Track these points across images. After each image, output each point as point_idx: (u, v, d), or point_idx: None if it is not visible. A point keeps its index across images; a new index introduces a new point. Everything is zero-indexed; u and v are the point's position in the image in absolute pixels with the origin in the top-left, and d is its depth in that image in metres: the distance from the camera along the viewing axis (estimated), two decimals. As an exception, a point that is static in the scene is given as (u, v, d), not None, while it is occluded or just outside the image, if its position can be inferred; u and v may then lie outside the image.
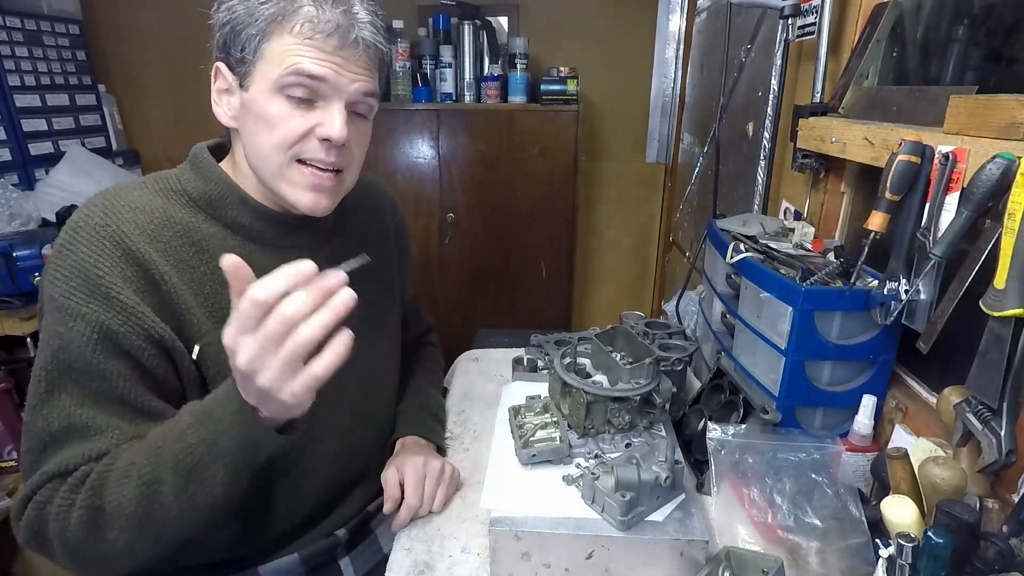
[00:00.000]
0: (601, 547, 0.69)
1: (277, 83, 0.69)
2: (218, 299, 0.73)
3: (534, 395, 0.95)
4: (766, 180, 1.34)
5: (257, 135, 0.72)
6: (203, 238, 0.74)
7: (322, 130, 0.71)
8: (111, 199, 0.71)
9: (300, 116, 0.71)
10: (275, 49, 0.69)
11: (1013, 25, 0.83)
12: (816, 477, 0.77)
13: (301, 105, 0.71)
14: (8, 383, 1.54)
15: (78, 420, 0.66)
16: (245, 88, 0.72)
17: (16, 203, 1.92)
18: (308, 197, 0.74)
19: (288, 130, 0.71)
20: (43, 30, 2.28)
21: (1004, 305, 0.60)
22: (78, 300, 0.65)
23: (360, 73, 0.72)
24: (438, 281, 2.57)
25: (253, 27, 0.69)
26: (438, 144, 2.40)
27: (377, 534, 0.93)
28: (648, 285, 2.98)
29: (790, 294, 0.85)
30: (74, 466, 0.65)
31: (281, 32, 0.69)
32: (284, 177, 0.73)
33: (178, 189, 0.75)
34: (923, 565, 0.56)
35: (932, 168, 0.73)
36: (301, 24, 0.68)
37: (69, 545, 0.65)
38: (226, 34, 0.71)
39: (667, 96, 2.68)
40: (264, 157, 0.73)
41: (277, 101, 0.70)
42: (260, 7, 0.69)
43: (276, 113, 0.70)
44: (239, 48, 0.70)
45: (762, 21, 1.50)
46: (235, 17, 0.70)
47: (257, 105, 0.71)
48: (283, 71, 0.69)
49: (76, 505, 0.63)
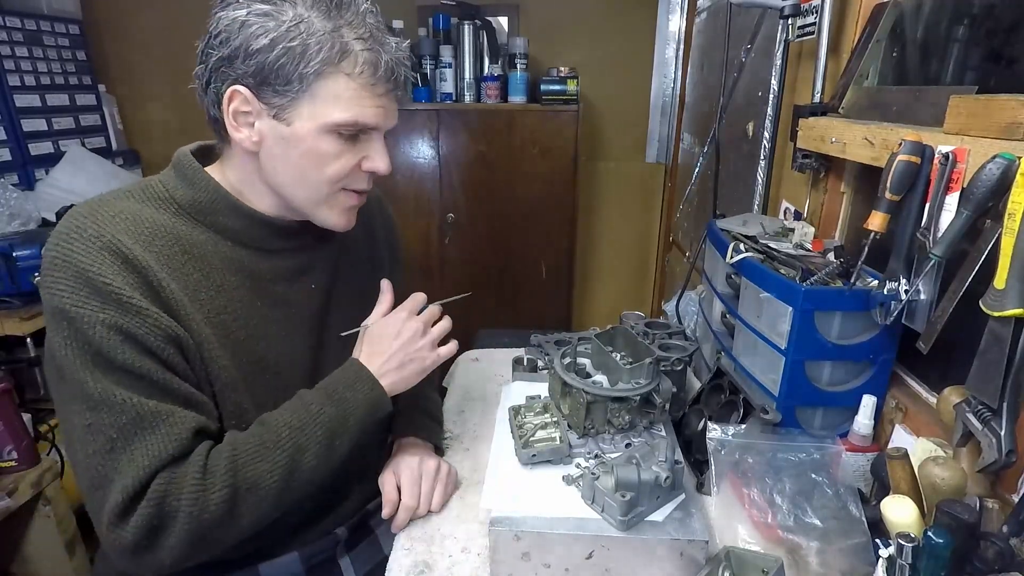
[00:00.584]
0: (601, 547, 0.69)
1: (332, 125, 0.70)
2: (213, 305, 0.73)
3: (534, 395, 0.95)
4: (766, 180, 1.34)
5: (302, 168, 0.73)
6: (194, 245, 0.73)
7: (368, 164, 0.75)
8: (98, 209, 0.70)
9: (349, 152, 0.74)
10: (329, 89, 0.69)
11: (1013, 25, 0.83)
12: (816, 477, 0.77)
13: (348, 140, 0.73)
14: (8, 383, 1.53)
15: (146, 408, 0.65)
16: (284, 121, 0.70)
17: (16, 203, 1.92)
18: (345, 219, 0.79)
19: (340, 166, 0.74)
20: (43, 30, 2.28)
21: (1004, 305, 0.60)
22: (91, 308, 0.64)
23: (395, 107, 0.75)
24: (438, 281, 2.57)
25: (305, 65, 0.67)
26: (438, 144, 2.40)
27: (378, 534, 0.93)
28: (648, 285, 2.98)
29: (790, 294, 0.85)
30: (171, 454, 0.66)
31: (336, 73, 0.68)
32: (326, 204, 0.77)
33: (165, 197, 0.74)
34: (923, 565, 0.56)
35: (932, 168, 0.73)
36: (359, 69, 0.69)
37: (199, 531, 0.67)
38: (267, 64, 0.67)
39: (667, 96, 2.68)
40: (309, 187, 0.75)
41: (329, 139, 0.71)
42: (315, 45, 0.67)
43: (328, 151, 0.72)
44: (283, 81, 0.68)
45: (762, 21, 1.50)
46: (288, 49, 0.66)
47: (305, 142, 0.71)
48: (343, 119, 0.70)
49: (215, 488, 0.67)
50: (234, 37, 0.67)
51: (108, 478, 0.65)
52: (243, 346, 0.76)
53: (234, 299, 0.75)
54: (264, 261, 0.79)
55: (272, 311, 0.79)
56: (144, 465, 0.64)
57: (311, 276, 0.84)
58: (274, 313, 0.79)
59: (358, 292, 0.91)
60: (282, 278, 0.81)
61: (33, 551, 1.65)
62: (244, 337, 0.76)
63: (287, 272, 0.81)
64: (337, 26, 0.68)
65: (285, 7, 0.67)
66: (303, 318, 0.83)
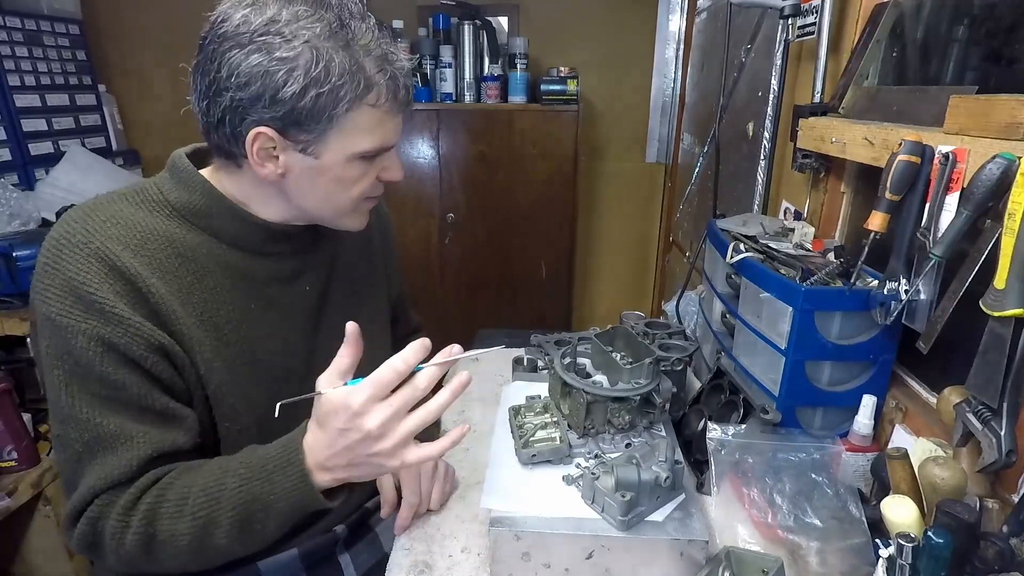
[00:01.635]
0: (601, 547, 0.69)
1: (361, 154, 0.72)
2: (207, 308, 0.73)
3: (534, 395, 0.95)
4: (766, 180, 1.34)
5: (329, 192, 0.75)
6: (188, 248, 0.73)
7: (386, 175, 0.78)
8: (91, 214, 0.70)
9: (371, 169, 0.76)
10: (354, 122, 0.70)
11: (1013, 25, 0.83)
12: (816, 477, 0.77)
13: (370, 160, 0.75)
14: (8, 383, 1.53)
15: (106, 430, 0.67)
16: (312, 155, 0.71)
17: (16, 203, 1.92)
18: (358, 221, 0.81)
19: (365, 185, 0.77)
20: (43, 30, 2.28)
21: (1004, 305, 0.60)
22: (75, 317, 0.65)
23: None
24: (438, 281, 2.57)
25: (334, 107, 0.67)
26: (438, 144, 2.40)
27: (377, 532, 0.93)
28: (648, 285, 2.98)
29: (790, 294, 0.85)
30: (115, 480, 0.67)
31: (361, 106, 0.69)
32: (351, 213, 0.79)
33: (159, 200, 0.74)
34: (923, 565, 0.56)
35: (932, 168, 0.73)
36: (383, 100, 0.70)
37: (124, 561, 0.69)
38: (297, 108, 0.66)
39: (667, 96, 2.68)
40: (335, 206, 0.77)
41: (355, 165, 0.73)
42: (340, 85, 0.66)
43: (355, 175, 0.75)
44: (313, 121, 0.68)
45: (762, 21, 1.50)
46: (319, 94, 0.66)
47: (333, 171, 0.73)
48: (371, 147, 0.72)
49: (131, 528, 0.67)
50: (254, 82, 0.65)
51: (69, 487, 0.70)
52: (236, 348, 0.76)
53: (228, 301, 0.75)
54: (259, 264, 0.79)
55: (266, 313, 0.79)
56: (90, 485, 0.67)
57: (306, 278, 0.84)
58: (268, 315, 0.79)
59: (352, 293, 0.91)
60: (277, 280, 0.80)
61: (33, 551, 1.66)
62: (237, 339, 0.76)
63: (282, 274, 0.81)
64: (355, 58, 0.67)
65: (295, 42, 0.64)
66: (297, 320, 0.83)
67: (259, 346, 0.78)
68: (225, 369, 0.74)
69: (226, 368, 0.74)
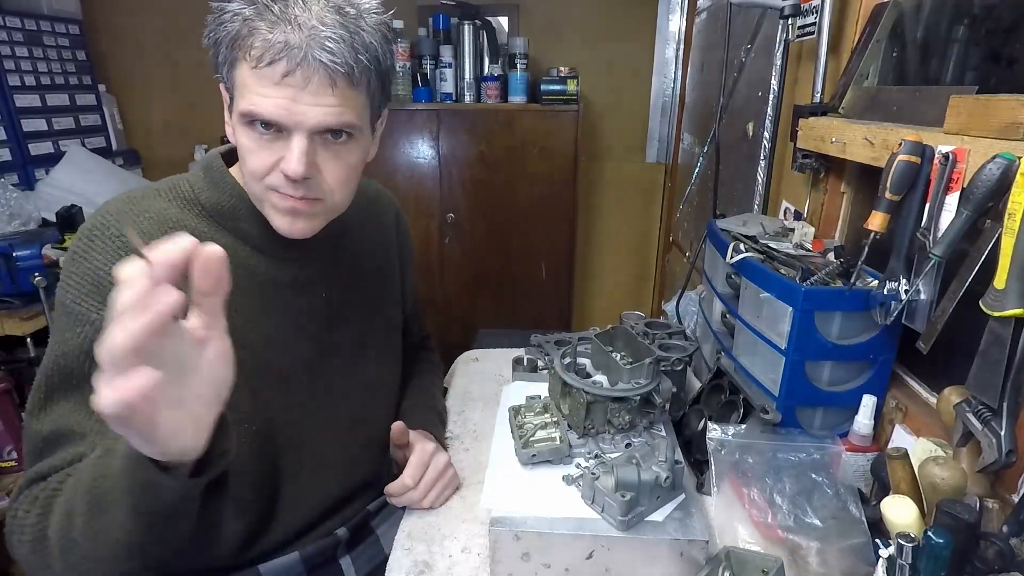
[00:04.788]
0: (601, 547, 0.69)
1: (241, 117, 0.67)
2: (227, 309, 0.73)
3: (534, 395, 0.95)
4: (766, 180, 1.34)
5: (240, 161, 0.72)
6: None
7: (283, 165, 0.68)
8: (126, 207, 0.71)
9: (267, 148, 0.68)
10: (238, 78, 0.66)
11: (1013, 25, 0.83)
12: (816, 477, 0.77)
13: (266, 135, 0.67)
14: (8, 383, 1.53)
15: (66, 425, 0.65)
16: (230, 111, 0.70)
17: (16, 203, 1.92)
18: (283, 221, 0.72)
19: (256, 163, 0.69)
20: (43, 30, 2.28)
21: (1004, 305, 0.60)
22: (89, 306, 0.65)
23: (321, 99, 0.65)
24: (438, 281, 2.57)
25: (220, 54, 0.66)
26: (438, 144, 2.40)
27: (379, 534, 0.93)
28: (648, 285, 2.98)
29: (790, 294, 0.85)
30: (47, 471, 0.63)
31: (240, 59, 0.65)
32: (265, 202, 0.72)
33: (191, 198, 0.75)
34: (923, 565, 0.56)
35: (932, 168, 0.73)
36: (251, 50, 0.63)
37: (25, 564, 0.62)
38: (211, 57, 0.68)
39: (667, 96, 2.68)
40: (246, 183, 0.73)
41: (246, 132, 0.68)
42: (223, 28, 0.65)
43: (246, 145, 0.69)
44: (221, 73, 0.68)
45: (762, 21, 1.50)
46: (210, 40, 0.67)
47: (236, 134, 0.70)
48: (243, 108, 0.66)
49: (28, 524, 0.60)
50: None
51: None
52: (249, 351, 0.76)
53: (245, 304, 0.76)
54: (279, 268, 0.79)
55: (280, 318, 0.79)
56: (27, 476, 0.65)
57: (321, 285, 0.84)
58: (282, 320, 0.79)
59: (366, 304, 0.91)
60: (294, 286, 0.81)
61: (33, 551, 1.65)
62: (251, 342, 0.76)
63: (299, 280, 0.81)
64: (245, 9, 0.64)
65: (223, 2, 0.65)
66: (309, 326, 0.83)
67: (272, 350, 0.78)
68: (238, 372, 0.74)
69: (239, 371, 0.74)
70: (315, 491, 0.85)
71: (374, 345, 0.93)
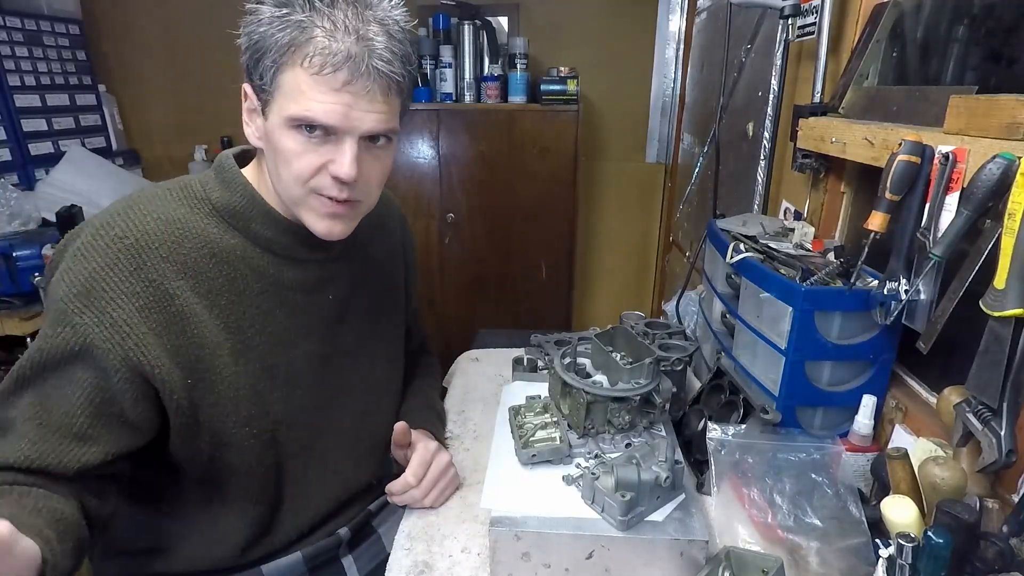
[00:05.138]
0: (601, 547, 0.69)
1: (289, 120, 0.68)
2: (233, 312, 0.74)
3: (534, 395, 0.95)
4: (766, 180, 1.34)
5: (276, 165, 0.72)
6: (224, 249, 0.73)
7: (333, 168, 0.70)
8: (133, 206, 0.71)
9: (314, 151, 0.69)
10: (289, 82, 0.67)
11: (1013, 25, 0.83)
12: (816, 477, 0.77)
13: (313, 138, 0.69)
14: (8, 383, 1.53)
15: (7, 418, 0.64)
16: (266, 116, 0.70)
17: (16, 203, 1.92)
18: (324, 224, 0.74)
19: (303, 166, 0.70)
20: (43, 30, 2.28)
21: (1004, 305, 0.60)
22: (74, 308, 0.65)
23: (375, 106, 0.68)
24: (438, 281, 2.57)
25: (268, 57, 0.67)
26: (438, 144, 2.40)
27: (380, 533, 0.93)
28: (648, 285, 2.98)
29: (790, 294, 0.85)
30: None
31: (294, 64, 0.66)
32: (304, 205, 0.73)
33: (202, 198, 0.75)
34: (923, 565, 0.56)
35: (932, 168, 0.73)
36: (311, 57, 0.65)
37: None
38: (248, 59, 0.69)
39: (667, 96, 2.68)
40: (285, 186, 0.73)
41: (291, 136, 0.69)
42: (274, 35, 0.66)
43: (291, 148, 0.69)
44: (259, 76, 0.68)
45: (762, 21, 1.50)
46: (254, 43, 0.67)
47: (274, 137, 0.70)
48: (295, 113, 0.67)
49: None
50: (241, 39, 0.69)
51: None
52: (256, 352, 0.76)
53: (254, 305, 0.76)
54: (289, 270, 0.79)
55: (289, 319, 0.79)
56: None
57: (330, 288, 0.84)
58: (290, 322, 0.79)
59: (373, 307, 0.91)
60: (303, 288, 0.81)
61: (33, 551, 1.65)
62: (258, 344, 0.76)
63: (309, 282, 0.81)
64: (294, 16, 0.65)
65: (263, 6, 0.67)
66: (317, 328, 0.83)
67: (277, 351, 0.78)
68: (244, 373, 0.74)
69: (245, 372, 0.75)
70: (319, 493, 0.85)
71: (379, 348, 0.93)
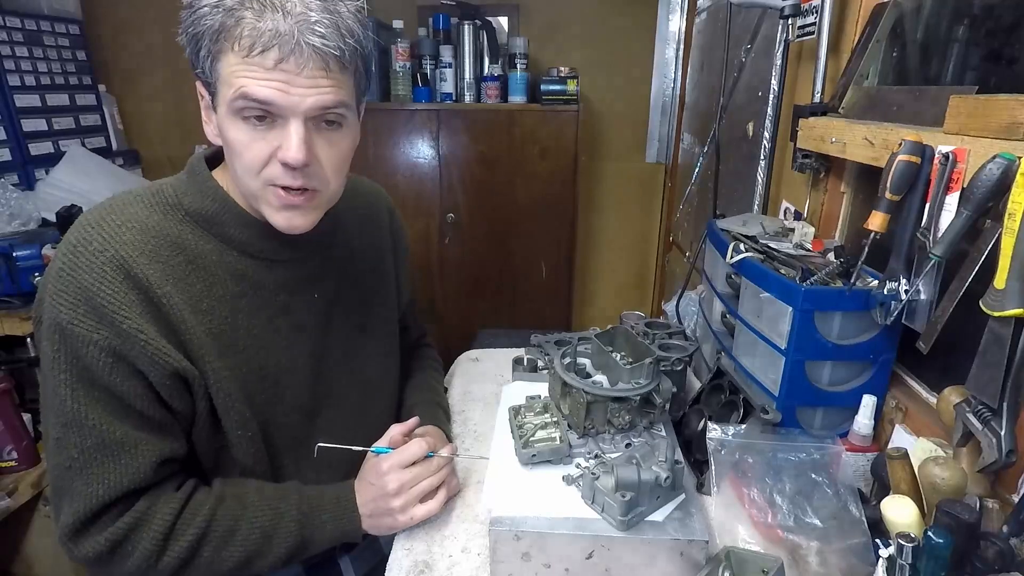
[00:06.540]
0: (601, 547, 0.69)
1: (231, 107, 0.66)
2: (215, 317, 0.73)
3: (534, 395, 0.95)
4: (766, 180, 1.34)
5: (231, 160, 0.70)
6: (199, 255, 0.73)
7: (281, 153, 0.67)
8: (106, 217, 0.70)
9: (261, 138, 0.67)
10: (225, 69, 0.65)
11: (1013, 25, 0.83)
12: (816, 477, 0.77)
13: (260, 126, 0.66)
14: (8, 383, 1.53)
15: (109, 437, 0.67)
16: (215, 109, 0.69)
17: (16, 203, 1.92)
18: (282, 217, 0.71)
19: (251, 156, 0.67)
20: (43, 30, 2.28)
21: (1004, 305, 0.60)
22: (87, 327, 0.65)
23: (317, 85, 0.65)
24: (438, 281, 2.57)
25: (204, 47, 0.65)
26: (438, 144, 2.40)
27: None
28: (648, 285, 2.98)
29: (790, 294, 0.85)
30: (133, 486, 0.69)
31: (226, 50, 0.64)
32: (261, 199, 0.71)
33: (175, 203, 0.74)
34: (923, 565, 0.56)
35: (932, 168, 0.73)
36: (240, 40, 0.63)
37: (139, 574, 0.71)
38: (190, 52, 0.67)
39: (667, 96, 2.68)
40: (240, 180, 0.71)
41: (237, 125, 0.67)
42: (207, 23, 0.64)
43: (238, 139, 0.67)
44: (201, 69, 0.67)
45: (762, 21, 1.50)
46: (191, 35, 0.66)
47: (223, 129, 0.68)
48: (232, 95, 0.64)
49: (170, 552, 0.71)
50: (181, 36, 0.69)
51: (61, 494, 0.69)
52: (244, 356, 0.76)
53: (236, 309, 0.75)
54: (269, 271, 0.78)
55: (274, 321, 0.79)
56: (99, 494, 0.67)
57: (315, 286, 0.84)
58: (276, 323, 0.79)
59: (362, 302, 0.91)
60: (286, 288, 0.80)
61: (33, 551, 1.66)
62: (245, 347, 0.76)
63: (291, 282, 0.80)
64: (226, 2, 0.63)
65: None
66: (305, 327, 0.82)
67: (266, 353, 0.78)
68: (232, 377, 0.74)
69: (233, 376, 0.74)
70: None
71: (371, 344, 0.93)
